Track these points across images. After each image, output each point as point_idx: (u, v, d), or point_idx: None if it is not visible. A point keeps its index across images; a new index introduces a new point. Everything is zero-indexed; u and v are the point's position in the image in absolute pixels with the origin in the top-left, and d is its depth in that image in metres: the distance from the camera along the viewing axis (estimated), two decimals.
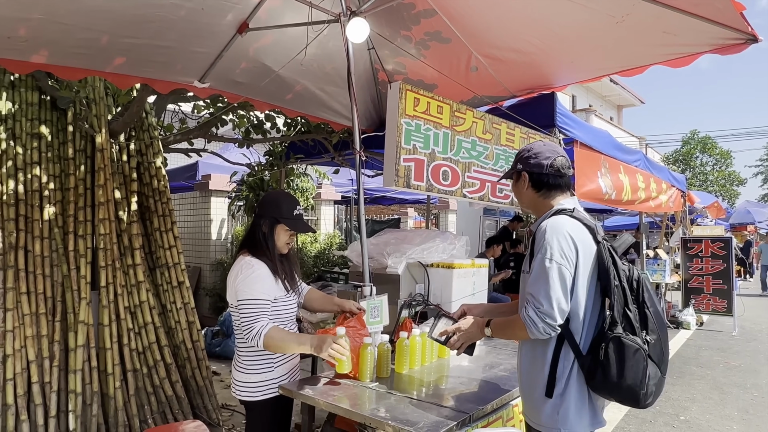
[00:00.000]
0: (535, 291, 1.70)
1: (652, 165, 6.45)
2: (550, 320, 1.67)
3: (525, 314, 1.71)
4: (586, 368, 1.71)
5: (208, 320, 7.01)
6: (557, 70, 3.53)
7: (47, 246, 3.38)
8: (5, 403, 3.03)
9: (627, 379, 1.63)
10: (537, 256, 1.74)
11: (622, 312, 1.68)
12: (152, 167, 4.08)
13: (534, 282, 1.72)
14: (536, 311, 1.68)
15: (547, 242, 1.72)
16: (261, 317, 2.08)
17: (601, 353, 1.66)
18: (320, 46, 3.16)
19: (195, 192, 8.23)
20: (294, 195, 7.21)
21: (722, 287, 8.44)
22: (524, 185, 1.93)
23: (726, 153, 30.16)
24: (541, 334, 1.69)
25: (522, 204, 2.02)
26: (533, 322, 1.68)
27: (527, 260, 1.87)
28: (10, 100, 3.50)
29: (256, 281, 2.13)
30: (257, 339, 2.04)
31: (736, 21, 2.45)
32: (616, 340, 1.65)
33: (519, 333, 1.78)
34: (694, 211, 10.09)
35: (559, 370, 1.74)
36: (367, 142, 3.97)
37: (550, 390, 1.74)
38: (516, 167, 1.96)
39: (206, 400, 3.86)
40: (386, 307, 2.59)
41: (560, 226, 1.74)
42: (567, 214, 1.81)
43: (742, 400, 4.88)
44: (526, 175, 1.91)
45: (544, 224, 1.78)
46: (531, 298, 1.71)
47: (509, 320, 1.88)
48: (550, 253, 1.71)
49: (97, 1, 2.40)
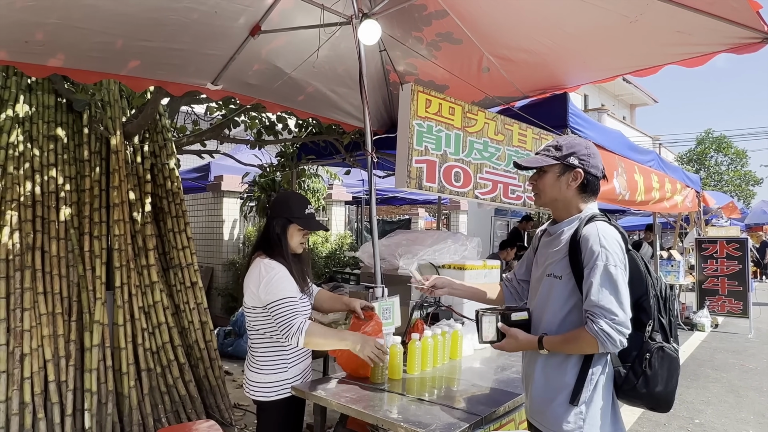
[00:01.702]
0: (605, 301, 1.58)
1: (665, 165, 6.38)
2: (625, 330, 1.58)
3: (597, 329, 1.57)
4: (623, 377, 1.66)
5: (220, 320, 7.06)
6: (569, 71, 3.51)
7: (63, 247, 3.43)
8: (23, 402, 3.08)
9: (669, 387, 1.65)
10: (594, 263, 1.62)
11: (658, 321, 1.67)
12: (166, 169, 4.13)
13: (600, 291, 1.59)
14: (611, 323, 1.56)
15: (604, 248, 1.62)
16: (297, 314, 2.09)
17: (645, 363, 1.63)
18: (332, 48, 3.17)
19: (207, 193, 8.29)
20: (305, 195, 7.26)
21: (737, 289, 8.32)
22: (572, 182, 1.78)
23: (741, 152, 29.70)
24: (616, 348, 1.59)
25: (548, 197, 1.84)
26: (608, 336, 1.56)
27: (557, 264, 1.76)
28: (27, 103, 3.56)
29: (283, 280, 2.14)
30: (298, 335, 2.04)
31: (753, 20, 2.41)
32: (660, 350, 1.64)
33: (587, 348, 1.64)
34: (708, 211, 9.96)
35: (587, 379, 1.67)
36: (378, 143, 3.98)
37: (575, 397, 1.66)
38: (568, 161, 1.78)
39: (219, 400, 3.89)
40: (398, 308, 2.59)
41: (610, 233, 1.67)
42: (605, 220, 1.73)
43: (758, 404, 4.81)
44: (582, 173, 1.77)
45: (592, 230, 1.67)
46: (601, 310, 1.58)
47: (570, 337, 1.70)
48: (613, 258, 1.61)
49: (113, 6, 2.43)
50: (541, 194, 1.86)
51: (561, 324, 1.74)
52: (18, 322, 3.14)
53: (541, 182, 1.85)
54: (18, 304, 3.16)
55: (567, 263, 1.72)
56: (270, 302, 2.11)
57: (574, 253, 1.70)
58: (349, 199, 9.94)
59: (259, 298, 2.15)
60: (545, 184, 1.83)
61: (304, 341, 2.05)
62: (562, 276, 1.73)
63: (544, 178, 1.84)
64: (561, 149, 1.80)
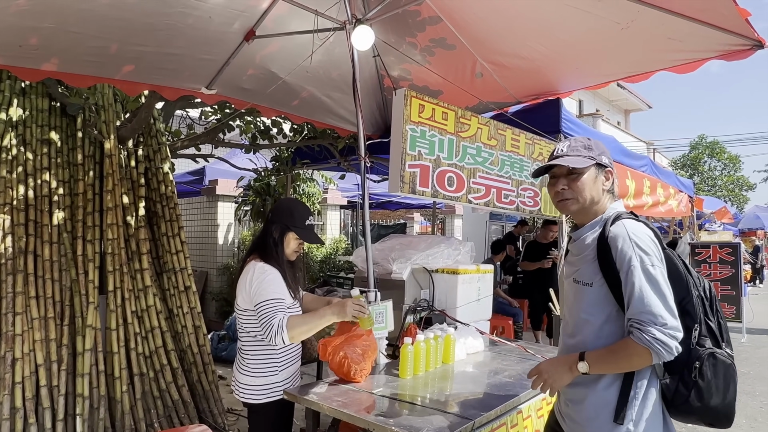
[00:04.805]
0: (651, 305, 1.44)
1: (658, 170, 6.42)
2: (678, 334, 1.43)
3: (649, 338, 1.42)
4: (672, 391, 1.51)
5: (214, 324, 7.03)
6: (562, 77, 3.54)
7: (56, 250, 3.42)
8: (14, 406, 3.05)
9: (727, 399, 1.48)
10: (630, 266, 1.50)
11: (706, 324, 1.53)
12: (160, 173, 4.12)
13: (643, 295, 1.46)
14: (662, 330, 1.42)
15: (638, 246, 1.50)
16: (277, 313, 2.09)
17: (695, 373, 1.47)
18: (326, 53, 3.18)
19: (202, 197, 8.28)
20: (301, 200, 7.27)
21: (731, 293, 8.35)
22: (606, 182, 1.70)
23: (734, 157, 29.93)
24: (672, 356, 1.44)
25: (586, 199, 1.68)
26: (663, 344, 1.41)
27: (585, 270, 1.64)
28: (21, 107, 3.55)
29: (272, 283, 2.16)
30: (281, 332, 2.04)
31: (742, 27, 2.45)
32: (711, 358, 1.48)
33: (639, 361, 1.48)
34: (702, 216, 10.01)
35: (632, 393, 1.52)
36: (372, 147, 3.99)
37: (619, 415, 1.52)
38: (602, 161, 1.70)
39: (212, 405, 3.88)
40: (391, 312, 2.60)
41: (641, 230, 1.55)
42: (632, 217, 1.62)
43: (750, 408, 4.84)
44: (611, 172, 1.71)
45: (620, 229, 1.56)
46: (649, 317, 1.44)
47: (616, 348, 1.53)
48: (649, 258, 1.48)
49: (107, 10, 2.43)
50: (578, 196, 1.69)
51: (597, 336, 1.60)
52: (9, 327, 3.12)
53: (578, 184, 1.69)
54: (10, 308, 3.14)
55: (597, 268, 1.59)
56: (258, 303, 2.12)
57: (603, 256, 1.57)
58: (344, 203, 9.96)
59: (249, 300, 2.16)
60: (584, 185, 1.68)
61: (288, 336, 2.05)
62: (592, 283, 1.61)
63: (580, 180, 1.68)
64: (592, 149, 1.70)
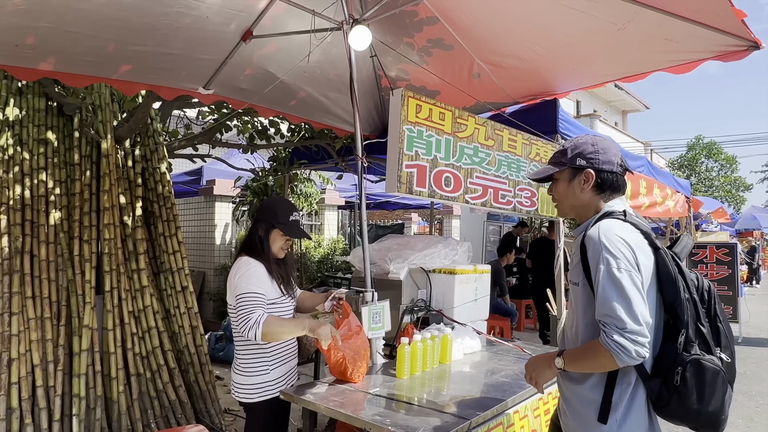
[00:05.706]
0: (611, 309, 1.45)
1: (656, 171, 6.44)
2: (641, 339, 1.43)
3: (608, 340, 1.44)
4: (655, 393, 1.51)
5: (211, 325, 7.02)
6: (560, 77, 3.55)
7: (53, 250, 3.41)
8: (10, 407, 3.05)
9: (709, 406, 1.45)
10: (597, 269, 1.51)
11: (695, 329, 1.50)
12: (157, 173, 4.12)
13: (606, 299, 1.47)
14: (621, 333, 1.43)
15: (608, 249, 1.50)
16: (257, 309, 2.10)
17: (677, 378, 1.46)
18: (324, 53, 3.19)
19: (199, 197, 8.27)
20: (298, 200, 7.26)
21: (727, 293, 8.38)
22: (585, 184, 1.69)
23: (731, 158, 30.05)
24: (634, 360, 1.44)
25: (566, 205, 1.76)
26: (621, 347, 1.42)
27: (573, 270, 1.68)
28: (18, 107, 3.54)
29: (252, 276, 2.19)
30: (255, 328, 2.04)
31: (738, 28, 2.46)
32: (695, 364, 1.46)
33: (604, 362, 1.50)
34: (698, 216, 10.04)
35: (616, 394, 1.54)
36: (370, 147, 3.98)
37: (603, 415, 1.53)
38: (576, 163, 1.69)
39: (209, 405, 3.87)
40: (388, 312, 2.60)
41: (615, 232, 1.54)
42: (616, 217, 1.61)
43: (746, 408, 4.85)
44: (593, 173, 1.67)
45: (594, 231, 1.57)
46: (609, 319, 1.45)
47: (587, 348, 1.56)
48: (615, 262, 1.48)
49: (105, 10, 2.43)
50: (560, 204, 1.78)
51: (582, 335, 1.63)
52: (6, 327, 3.11)
53: (556, 192, 1.78)
54: (6, 308, 3.14)
55: (581, 269, 1.61)
56: (237, 294, 2.14)
57: (584, 258, 1.59)
58: (342, 203, 9.96)
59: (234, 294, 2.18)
60: (559, 193, 1.76)
61: (261, 333, 2.04)
62: (578, 283, 1.63)
63: (557, 188, 1.77)
64: (566, 153, 1.73)
